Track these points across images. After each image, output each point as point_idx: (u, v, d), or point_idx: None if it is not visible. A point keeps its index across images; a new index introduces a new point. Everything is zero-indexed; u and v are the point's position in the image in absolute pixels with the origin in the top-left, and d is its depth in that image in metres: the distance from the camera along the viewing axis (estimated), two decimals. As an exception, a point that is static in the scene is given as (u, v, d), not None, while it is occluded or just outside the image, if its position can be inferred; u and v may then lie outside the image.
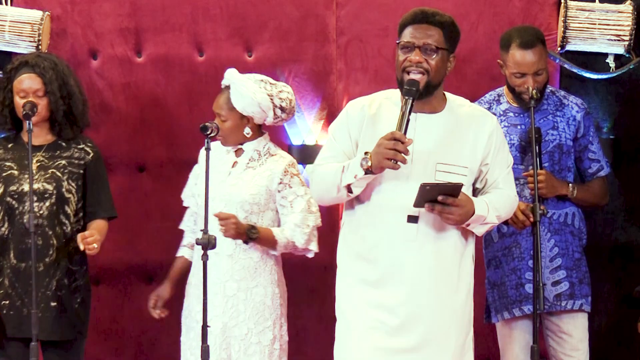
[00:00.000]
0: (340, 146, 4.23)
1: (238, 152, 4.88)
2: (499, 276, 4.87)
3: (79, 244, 4.70)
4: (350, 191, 4.12)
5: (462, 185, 4.04)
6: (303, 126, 5.65)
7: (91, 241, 4.69)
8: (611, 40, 5.42)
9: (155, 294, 4.98)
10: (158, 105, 5.66)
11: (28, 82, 4.83)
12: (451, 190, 4.02)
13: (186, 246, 5.01)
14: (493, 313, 4.90)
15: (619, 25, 5.40)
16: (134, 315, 5.61)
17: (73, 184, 4.88)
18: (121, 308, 5.64)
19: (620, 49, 5.43)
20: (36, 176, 4.82)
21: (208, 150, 4.50)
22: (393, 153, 3.97)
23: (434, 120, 4.17)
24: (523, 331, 4.82)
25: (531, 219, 4.52)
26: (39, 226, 4.73)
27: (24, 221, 4.70)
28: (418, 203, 4.04)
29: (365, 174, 4.05)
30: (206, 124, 4.58)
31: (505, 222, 4.67)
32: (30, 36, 5.46)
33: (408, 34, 4.14)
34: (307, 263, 5.43)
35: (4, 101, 4.90)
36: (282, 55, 5.64)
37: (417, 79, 4.09)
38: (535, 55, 4.73)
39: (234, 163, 4.86)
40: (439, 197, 4.01)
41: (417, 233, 4.09)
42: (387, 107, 4.21)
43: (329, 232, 5.49)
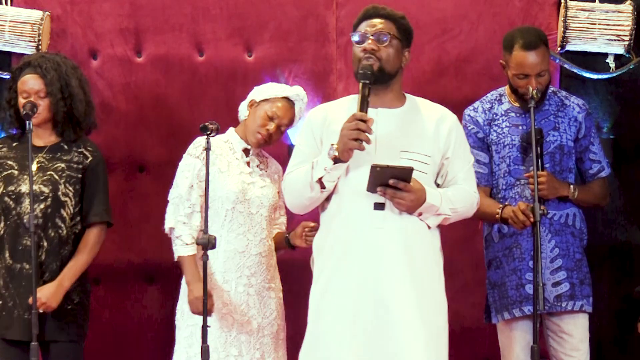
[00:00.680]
0: (306, 151, 4.30)
1: (246, 152, 4.91)
2: (500, 276, 4.87)
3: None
4: (323, 186, 4.18)
5: (413, 168, 4.11)
6: (303, 126, 5.65)
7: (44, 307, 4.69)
8: (611, 40, 5.42)
9: (201, 296, 4.58)
10: (158, 105, 5.66)
11: (30, 83, 4.83)
12: (402, 173, 4.08)
13: (192, 244, 4.77)
14: (493, 313, 4.90)
15: (619, 25, 5.41)
16: (134, 315, 5.61)
17: (70, 188, 4.86)
18: (121, 308, 5.64)
19: (620, 49, 5.44)
20: (35, 177, 4.80)
21: (208, 150, 4.51)
22: (357, 133, 4.06)
23: (395, 113, 4.28)
24: (523, 331, 4.82)
25: (531, 219, 4.52)
26: (38, 226, 4.72)
27: (24, 221, 4.68)
28: (370, 187, 4.11)
29: (334, 164, 4.12)
30: (206, 124, 4.57)
31: (505, 222, 4.68)
32: (30, 36, 5.46)
33: (361, 28, 4.30)
34: (307, 263, 5.43)
35: (10, 101, 4.90)
36: (282, 55, 5.64)
37: (370, 63, 4.21)
38: (538, 56, 4.73)
39: (247, 163, 4.89)
40: (391, 181, 4.08)
41: (385, 220, 4.16)
42: (348, 108, 4.29)
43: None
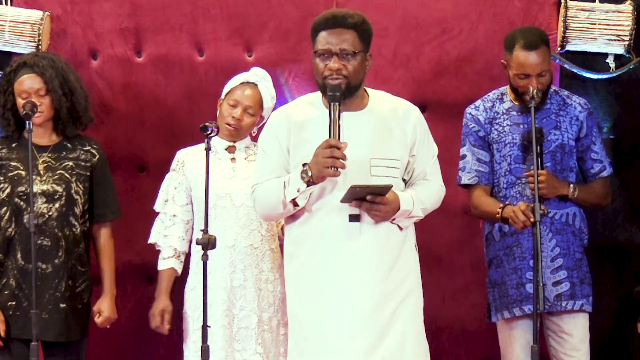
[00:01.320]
0: (274, 159, 4.29)
1: (230, 150, 4.90)
2: (500, 275, 4.87)
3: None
4: (296, 204, 4.20)
5: (392, 186, 4.13)
6: (303, 126, 5.65)
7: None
8: (611, 40, 5.42)
9: (159, 310, 4.86)
10: (158, 105, 5.66)
11: (29, 83, 4.83)
12: (380, 190, 4.12)
13: (172, 257, 4.90)
14: (493, 312, 4.90)
15: (619, 25, 5.41)
16: (134, 315, 5.60)
17: (80, 186, 4.88)
18: (121, 308, 5.62)
19: (620, 49, 5.44)
20: (44, 177, 4.82)
21: (208, 150, 4.50)
22: (332, 161, 4.07)
23: (360, 117, 4.26)
24: (524, 331, 4.82)
25: (532, 219, 4.52)
26: (48, 227, 4.75)
27: (24, 221, 4.69)
28: (346, 200, 4.14)
29: (307, 186, 4.14)
30: (206, 124, 4.57)
31: (506, 222, 4.68)
32: (30, 36, 5.45)
33: (323, 41, 4.19)
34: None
35: (6, 104, 4.89)
36: (282, 55, 5.64)
37: (338, 82, 4.16)
38: (539, 56, 4.73)
39: (232, 159, 4.88)
40: (368, 197, 4.12)
41: (360, 231, 4.17)
42: (311, 112, 4.29)
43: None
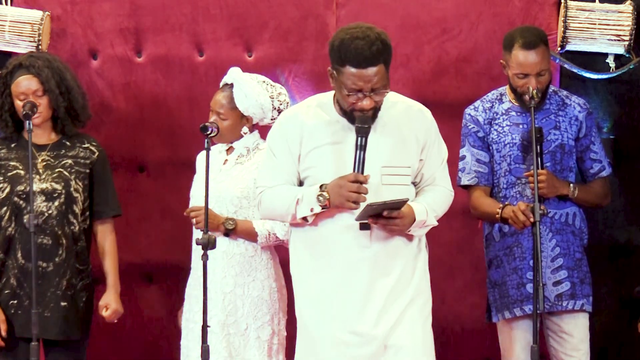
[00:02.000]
0: (283, 164, 4.24)
1: (229, 150, 4.90)
2: (500, 275, 4.87)
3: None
4: (306, 220, 4.18)
5: (407, 200, 4.11)
6: (303, 126, 5.64)
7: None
8: (611, 40, 5.42)
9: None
10: (158, 105, 5.66)
11: (26, 84, 4.83)
12: (396, 205, 4.08)
13: None
14: (494, 312, 4.90)
15: (619, 25, 5.40)
16: (134, 315, 5.61)
17: (80, 183, 4.89)
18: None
19: (620, 49, 5.43)
20: (43, 175, 4.83)
21: (208, 150, 4.51)
22: (356, 196, 4.04)
23: (371, 125, 4.16)
24: (524, 331, 4.81)
25: (531, 219, 4.52)
26: (48, 226, 4.75)
27: (25, 221, 4.69)
28: (361, 218, 4.09)
29: (322, 209, 4.11)
30: (206, 124, 4.59)
31: (506, 222, 4.68)
32: (30, 36, 5.45)
33: (353, 77, 4.05)
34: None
35: (3, 106, 4.90)
36: (282, 55, 5.64)
37: (369, 116, 4.10)
38: (538, 55, 4.72)
39: (225, 161, 4.88)
40: (385, 213, 4.07)
41: (371, 239, 4.14)
42: (322, 117, 4.23)
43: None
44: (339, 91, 4.13)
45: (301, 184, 4.25)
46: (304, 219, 4.18)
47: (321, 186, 4.11)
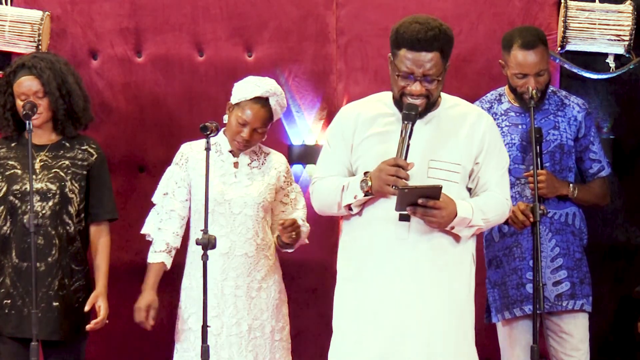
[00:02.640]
0: (337, 156, 4.23)
1: (234, 153, 4.87)
2: (500, 276, 4.87)
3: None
4: (350, 209, 4.15)
5: (441, 186, 4.00)
6: (303, 126, 5.65)
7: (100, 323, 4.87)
8: (611, 40, 5.42)
9: (145, 305, 4.81)
10: (158, 105, 5.66)
11: (27, 85, 4.83)
12: (431, 192, 3.99)
13: (163, 251, 4.85)
14: (494, 313, 4.90)
15: (619, 25, 5.40)
16: (134, 315, 5.60)
17: (76, 185, 4.88)
18: (121, 308, 5.63)
19: (620, 49, 5.43)
20: (39, 175, 4.83)
21: (208, 150, 4.50)
22: (394, 180, 3.98)
23: (426, 120, 4.15)
24: (524, 331, 4.82)
25: (531, 219, 4.52)
26: (41, 226, 4.74)
27: (25, 221, 4.69)
28: (399, 207, 4.02)
29: (364, 196, 4.07)
30: (206, 124, 4.57)
31: (505, 222, 4.68)
32: (30, 36, 5.46)
33: (406, 61, 4.06)
34: (307, 263, 5.43)
35: (5, 104, 4.90)
36: (282, 55, 5.64)
37: (417, 104, 4.07)
38: (537, 56, 4.73)
39: (235, 164, 4.86)
40: (420, 200, 3.98)
41: (409, 231, 4.08)
42: (380, 109, 4.21)
43: (329, 232, 5.49)
44: (393, 76, 4.11)
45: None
46: (350, 209, 4.14)
47: (365, 173, 4.08)
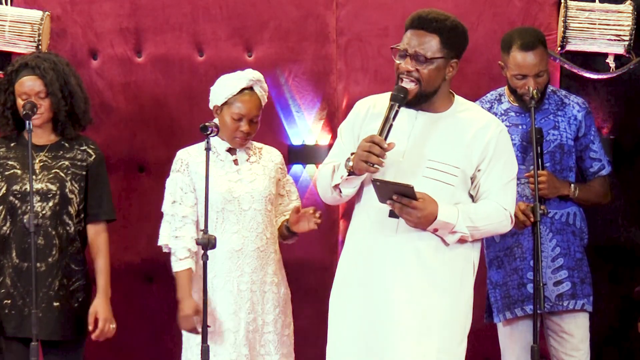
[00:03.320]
0: (344, 146, 4.23)
1: (232, 151, 4.87)
2: (501, 276, 4.87)
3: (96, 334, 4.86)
4: (340, 192, 4.14)
5: (413, 187, 3.96)
6: (303, 126, 5.65)
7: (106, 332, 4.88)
8: (611, 40, 5.42)
9: (193, 312, 4.70)
10: (158, 105, 5.66)
11: (29, 84, 4.83)
12: (404, 190, 3.97)
13: (188, 257, 4.82)
14: (495, 313, 4.90)
15: (619, 25, 5.40)
16: (134, 315, 5.61)
17: (76, 185, 4.88)
18: (121, 308, 5.62)
19: (620, 49, 5.43)
20: (39, 176, 4.83)
21: (208, 150, 4.50)
22: (367, 155, 3.95)
23: (434, 119, 4.15)
24: (524, 331, 4.82)
25: (531, 219, 4.52)
26: (41, 226, 4.73)
27: (25, 221, 4.69)
28: (380, 199, 4.03)
29: (349, 175, 4.06)
30: (206, 124, 4.57)
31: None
32: (30, 36, 5.46)
33: (405, 39, 4.09)
34: (307, 263, 5.43)
35: (6, 103, 4.89)
36: (282, 55, 5.64)
37: (408, 88, 4.05)
38: (536, 57, 4.73)
39: (235, 161, 4.86)
40: (394, 196, 3.97)
41: (398, 228, 4.07)
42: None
43: (329, 232, 5.50)
44: (394, 65, 4.12)
45: None
46: (340, 192, 4.13)
47: (352, 153, 4.06)
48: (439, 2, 5.58)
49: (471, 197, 4.16)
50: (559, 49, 5.44)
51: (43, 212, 4.80)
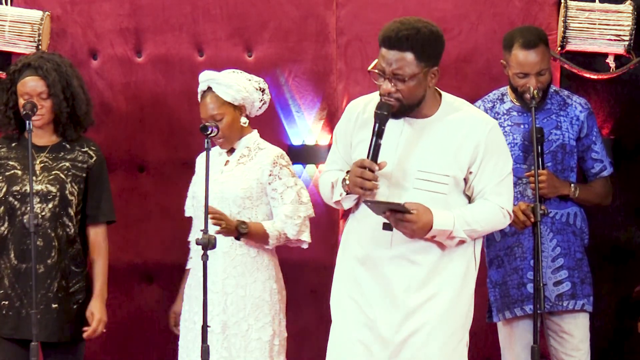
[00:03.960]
0: (339, 150, 4.25)
1: (230, 152, 4.89)
2: (501, 275, 4.87)
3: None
4: (342, 206, 4.18)
5: (404, 204, 3.94)
6: (303, 126, 5.65)
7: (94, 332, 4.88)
8: (611, 40, 5.42)
9: (173, 313, 5.01)
10: (158, 105, 5.66)
11: (31, 85, 4.82)
12: (395, 207, 3.97)
13: (191, 258, 4.99)
14: (495, 312, 4.90)
15: (619, 25, 5.40)
16: (134, 315, 5.61)
17: (75, 187, 4.87)
18: (121, 308, 5.64)
19: (620, 49, 5.43)
20: (39, 177, 4.82)
21: (208, 150, 4.50)
22: (360, 181, 3.96)
23: (421, 125, 4.10)
24: (524, 331, 4.82)
25: (532, 219, 4.52)
26: (40, 227, 4.73)
27: (25, 221, 4.68)
28: (375, 212, 4.02)
29: (347, 194, 4.09)
30: (206, 124, 4.58)
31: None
32: (30, 36, 5.46)
33: (381, 58, 4.02)
34: (307, 263, 5.43)
35: (8, 103, 4.89)
36: (282, 55, 5.64)
37: (390, 104, 4.02)
38: (538, 55, 4.73)
39: (226, 162, 4.87)
40: (386, 213, 3.97)
41: (392, 240, 4.06)
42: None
43: (329, 232, 5.50)
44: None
45: None
46: (342, 206, 4.17)
47: (348, 172, 4.07)
48: (439, 2, 5.60)
49: (467, 198, 4.14)
50: (559, 49, 5.44)
51: (42, 214, 4.79)
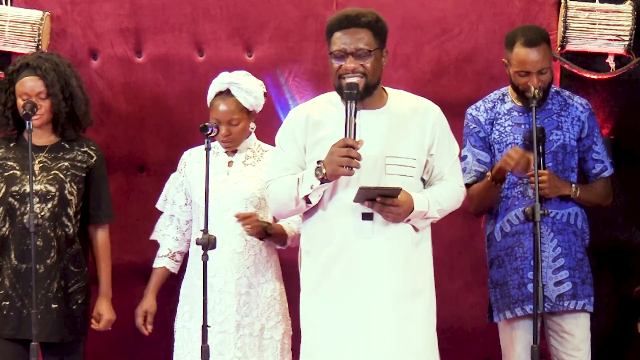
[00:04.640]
0: (289, 156, 4.27)
1: (230, 152, 4.88)
2: (502, 275, 4.87)
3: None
4: (308, 201, 4.18)
5: (401, 189, 4.08)
6: (303, 126, 5.65)
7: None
8: (611, 40, 5.43)
9: (142, 310, 4.98)
10: (158, 105, 5.66)
11: (30, 85, 4.82)
12: (391, 192, 4.08)
13: (166, 256, 4.98)
14: (495, 312, 4.90)
15: (619, 25, 5.41)
16: (134, 315, 5.60)
17: (75, 187, 4.87)
18: (121, 308, 5.62)
19: (620, 49, 5.44)
20: (39, 177, 4.82)
21: (208, 150, 4.50)
22: (347, 160, 4.03)
23: (377, 115, 4.23)
24: (525, 331, 4.82)
25: (519, 165, 4.58)
26: (40, 227, 4.72)
27: (25, 222, 4.68)
28: (357, 200, 4.10)
29: (321, 183, 4.11)
30: (206, 124, 4.57)
31: (500, 180, 4.73)
32: (30, 36, 5.46)
33: (338, 42, 4.19)
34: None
35: (6, 103, 4.89)
36: (282, 55, 5.65)
37: (356, 82, 4.14)
38: (539, 53, 4.73)
39: (230, 162, 4.86)
40: (378, 199, 4.07)
41: (373, 230, 4.13)
42: (329, 110, 4.27)
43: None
44: (330, 64, 4.22)
45: None
46: (308, 202, 4.17)
47: (319, 161, 4.11)
48: (439, 2, 5.60)
49: (423, 182, 4.29)
50: (559, 49, 5.45)
51: (42, 214, 4.79)
